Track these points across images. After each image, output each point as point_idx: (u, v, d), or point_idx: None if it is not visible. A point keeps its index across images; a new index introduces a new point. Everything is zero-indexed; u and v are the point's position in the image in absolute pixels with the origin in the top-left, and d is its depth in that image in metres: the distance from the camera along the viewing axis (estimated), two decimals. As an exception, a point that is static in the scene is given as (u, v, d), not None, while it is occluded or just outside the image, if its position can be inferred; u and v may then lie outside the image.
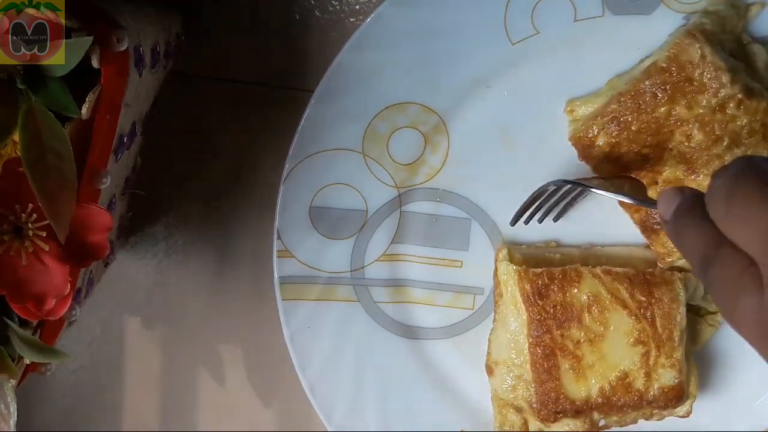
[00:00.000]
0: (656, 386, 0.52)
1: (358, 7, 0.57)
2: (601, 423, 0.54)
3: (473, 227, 0.57)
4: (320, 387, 0.57)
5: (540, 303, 0.52)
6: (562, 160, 0.55)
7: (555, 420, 0.53)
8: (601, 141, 0.52)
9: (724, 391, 0.57)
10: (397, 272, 0.58)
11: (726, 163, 0.49)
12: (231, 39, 0.58)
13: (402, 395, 0.58)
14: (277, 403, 0.64)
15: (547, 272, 0.53)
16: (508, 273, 0.54)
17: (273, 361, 0.63)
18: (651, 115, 0.50)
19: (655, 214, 0.52)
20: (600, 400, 0.52)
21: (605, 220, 0.56)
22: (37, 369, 0.46)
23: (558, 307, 0.52)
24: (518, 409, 0.55)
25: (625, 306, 0.52)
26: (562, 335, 0.52)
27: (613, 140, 0.52)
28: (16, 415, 0.42)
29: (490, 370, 0.56)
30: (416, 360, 0.58)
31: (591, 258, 0.55)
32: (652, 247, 0.54)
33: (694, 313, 0.56)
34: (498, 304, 0.55)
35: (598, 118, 0.52)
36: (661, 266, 0.54)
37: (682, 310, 0.52)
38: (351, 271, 0.57)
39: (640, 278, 0.52)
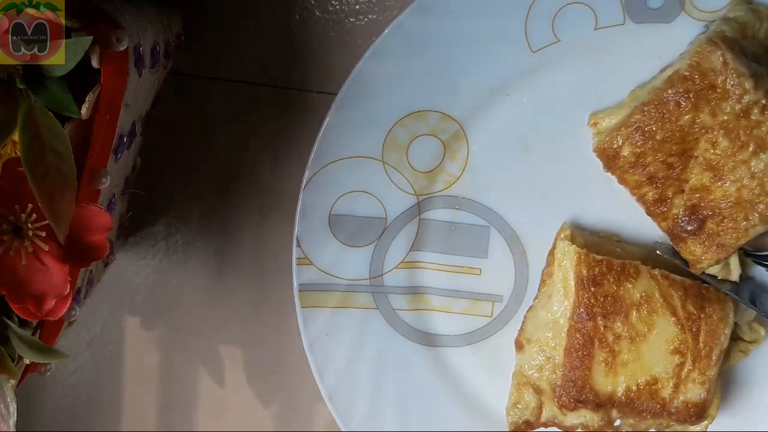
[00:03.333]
0: (681, 399, 0.52)
1: (358, 7, 0.57)
2: (617, 423, 0.54)
3: (492, 235, 0.57)
4: (339, 393, 0.57)
5: (592, 290, 0.52)
6: (581, 167, 0.55)
7: (573, 409, 0.53)
8: (626, 152, 0.52)
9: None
10: (415, 279, 0.58)
11: (752, 168, 0.49)
12: (231, 39, 0.58)
13: (420, 402, 0.58)
14: (277, 403, 0.64)
15: (607, 261, 0.52)
16: (567, 253, 0.53)
17: (273, 360, 0.63)
18: (675, 124, 0.50)
19: (683, 222, 0.52)
20: (623, 398, 0.52)
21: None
22: (37, 369, 0.46)
23: (609, 298, 0.52)
24: (538, 390, 0.55)
25: (674, 313, 0.52)
26: (605, 326, 0.52)
27: (638, 150, 0.51)
28: (15, 415, 0.42)
29: (519, 346, 0.55)
30: (434, 367, 0.58)
31: (650, 261, 0.54)
32: (681, 254, 0.54)
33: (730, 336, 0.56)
34: (545, 283, 0.55)
35: (623, 128, 0.52)
36: (692, 270, 0.54)
37: (728, 331, 0.52)
38: (370, 278, 0.57)
39: (695, 290, 0.52)
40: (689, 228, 0.52)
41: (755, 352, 0.56)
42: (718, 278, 0.54)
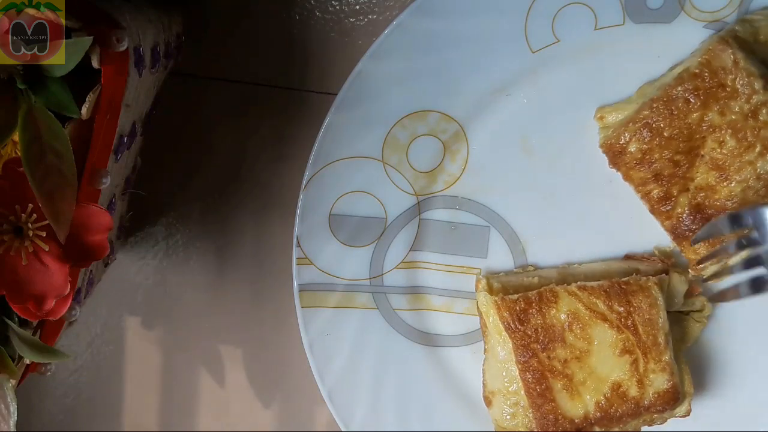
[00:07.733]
0: (651, 392, 0.52)
1: (358, 7, 0.57)
2: None
3: (492, 235, 0.57)
4: (339, 394, 0.57)
5: (521, 328, 0.53)
6: (581, 167, 0.55)
7: None
8: (632, 148, 0.52)
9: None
10: (415, 279, 0.58)
11: (758, 170, 0.50)
12: (231, 39, 0.58)
13: (420, 402, 0.58)
14: (277, 403, 0.64)
15: (523, 297, 0.53)
16: (487, 304, 0.54)
17: (273, 360, 0.63)
18: (683, 121, 0.50)
19: (687, 221, 0.52)
20: (598, 414, 0.52)
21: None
22: (38, 369, 0.46)
23: (540, 330, 0.52)
24: None
25: (605, 319, 0.52)
26: (548, 357, 0.52)
27: (645, 147, 0.51)
28: (16, 415, 0.42)
29: (488, 402, 0.56)
30: (434, 367, 0.58)
31: (569, 277, 0.55)
32: (683, 254, 0.54)
33: (681, 311, 0.56)
34: (485, 335, 0.56)
35: (630, 124, 0.52)
36: (692, 273, 0.54)
37: (663, 314, 0.52)
38: (370, 278, 0.57)
39: (616, 289, 0.52)
40: (693, 227, 0.52)
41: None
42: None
